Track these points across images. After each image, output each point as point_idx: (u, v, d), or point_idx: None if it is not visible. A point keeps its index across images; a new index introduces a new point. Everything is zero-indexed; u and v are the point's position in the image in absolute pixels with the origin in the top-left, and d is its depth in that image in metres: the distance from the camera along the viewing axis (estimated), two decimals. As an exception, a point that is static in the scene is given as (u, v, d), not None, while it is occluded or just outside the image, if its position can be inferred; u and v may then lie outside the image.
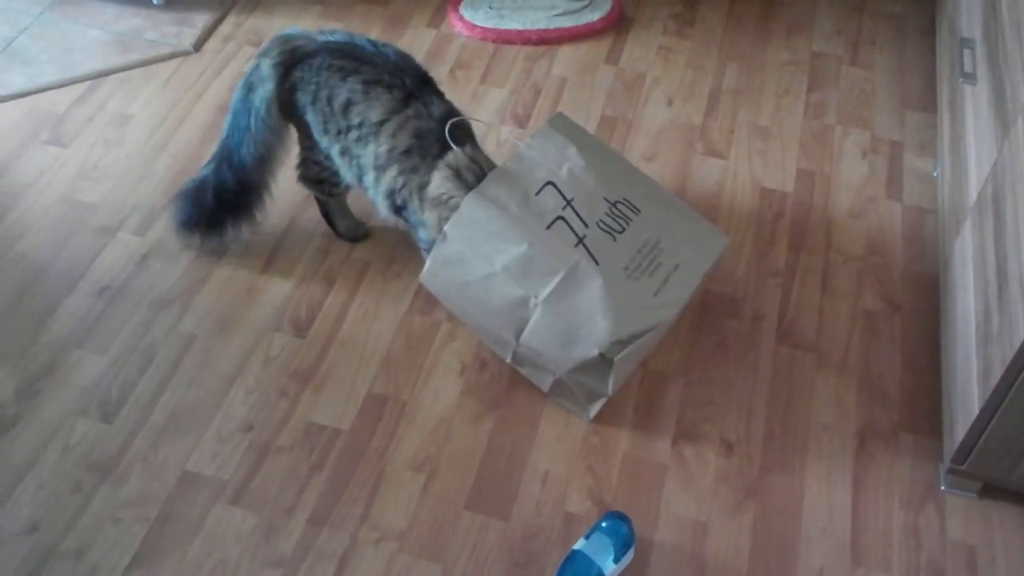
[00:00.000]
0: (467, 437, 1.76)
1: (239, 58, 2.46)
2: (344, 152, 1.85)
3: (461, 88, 2.40)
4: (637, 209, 1.80)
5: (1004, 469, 1.64)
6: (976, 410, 1.59)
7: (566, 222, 1.74)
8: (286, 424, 1.77)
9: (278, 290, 1.98)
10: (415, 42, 2.52)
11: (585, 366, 1.69)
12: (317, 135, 1.87)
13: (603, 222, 1.76)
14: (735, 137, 2.32)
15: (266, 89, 1.85)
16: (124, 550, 1.60)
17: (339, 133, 1.83)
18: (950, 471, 1.71)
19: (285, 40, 1.86)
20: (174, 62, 2.45)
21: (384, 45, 1.85)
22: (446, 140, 1.78)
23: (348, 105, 1.80)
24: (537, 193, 1.76)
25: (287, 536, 1.63)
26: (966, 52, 2.06)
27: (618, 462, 1.74)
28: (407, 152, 1.79)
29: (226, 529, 1.63)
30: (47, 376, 1.82)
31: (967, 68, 2.04)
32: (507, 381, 1.84)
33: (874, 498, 1.71)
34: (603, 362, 1.66)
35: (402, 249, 2.05)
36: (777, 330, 1.94)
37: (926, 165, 2.27)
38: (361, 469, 1.71)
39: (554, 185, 1.77)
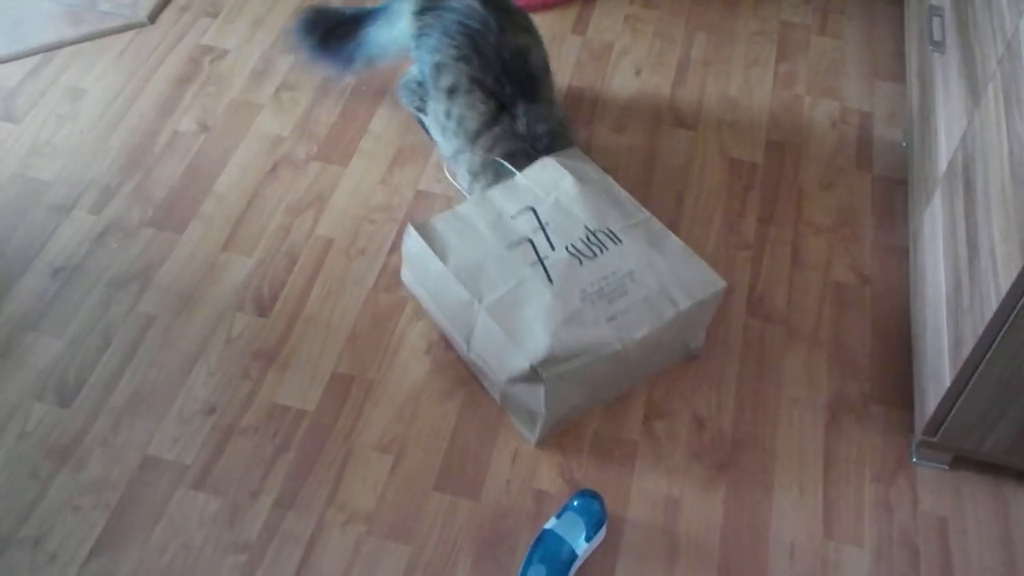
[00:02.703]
0: (435, 416, 1.73)
1: (195, 29, 2.39)
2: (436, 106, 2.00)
3: (425, 59, 2.35)
4: (619, 239, 1.75)
5: (975, 441, 1.64)
6: (947, 382, 1.58)
7: (532, 244, 1.73)
8: (249, 406, 1.73)
9: (239, 268, 1.93)
10: (378, 12, 2.46)
11: (520, 380, 1.61)
12: (421, 64, 2.00)
13: (573, 246, 1.72)
14: (704, 108, 2.29)
15: (403, 28, 2.04)
16: (84, 537, 1.56)
17: (433, 91, 1.97)
18: (921, 443, 1.70)
19: None
20: (129, 34, 2.38)
21: (508, 32, 1.93)
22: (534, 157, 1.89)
23: (452, 90, 1.92)
24: (513, 216, 1.77)
25: (252, 520, 1.59)
26: (935, 20, 2.04)
27: (589, 439, 1.72)
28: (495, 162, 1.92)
29: (189, 514, 1.60)
30: (1, 359, 1.77)
31: (936, 36, 2.03)
32: (475, 358, 1.81)
33: (845, 471, 1.70)
34: (535, 377, 1.58)
35: (366, 225, 2.00)
36: (747, 303, 1.93)
37: (895, 135, 2.26)
38: (327, 450, 1.68)
39: (534, 211, 1.77)
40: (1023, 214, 1.42)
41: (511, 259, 1.70)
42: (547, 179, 1.83)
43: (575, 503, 1.58)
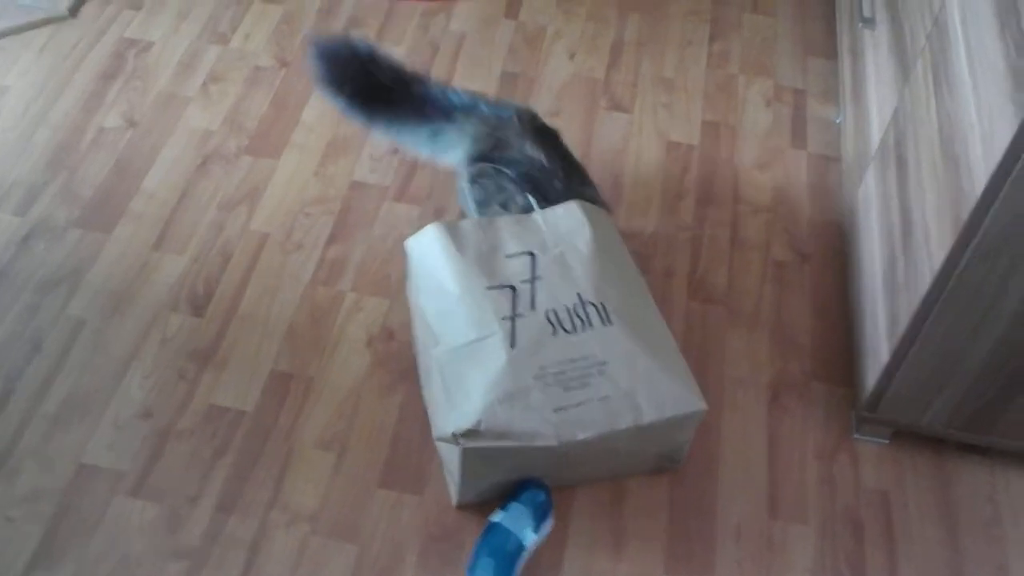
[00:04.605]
0: (377, 411, 1.71)
1: (119, 22, 2.32)
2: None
3: (357, 47, 2.31)
4: (608, 320, 1.54)
5: (915, 415, 1.65)
6: (885, 358, 1.60)
7: (514, 294, 1.56)
8: (186, 408, 1.69)
9: (172, 267, 1.88)
10: None
11: (445, 440, 1.51)
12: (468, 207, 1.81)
13: (555, 313, 1.55)
14: (639, 90, 2.28)
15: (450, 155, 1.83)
16: (19, 551, 1.52)
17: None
18: (862, 419, 1.72)
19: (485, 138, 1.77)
20: (49, 28, 2.31)
21: (574, 183, 1.75)
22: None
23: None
24: (509, 256, 1.61)
25: (193, 525, 1.56)
26: (865, -3, 2.05)
27: (533, 428, 1.71)
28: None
29: (128, 522, 1.56)
30: (-75, 370, 1.71)
31: (866, 13, 2.04)
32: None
33: (788, 450, 1.71)
34: (455, 443, 1.47)
35: (301, 219, 1.97)
36: (688, 285, 1.93)
37: (829, 112, 2.27)
38: (268, 451, 1.65)
39: (533, 257, 1.61)
40: (954, 190, 1.43)
41: (484, 305, 1.54)
42: (564, 227, 1.64)
43: (521, 494, 1.56)
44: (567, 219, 1.66)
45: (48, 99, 2.16)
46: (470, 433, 1.45)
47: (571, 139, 2.14)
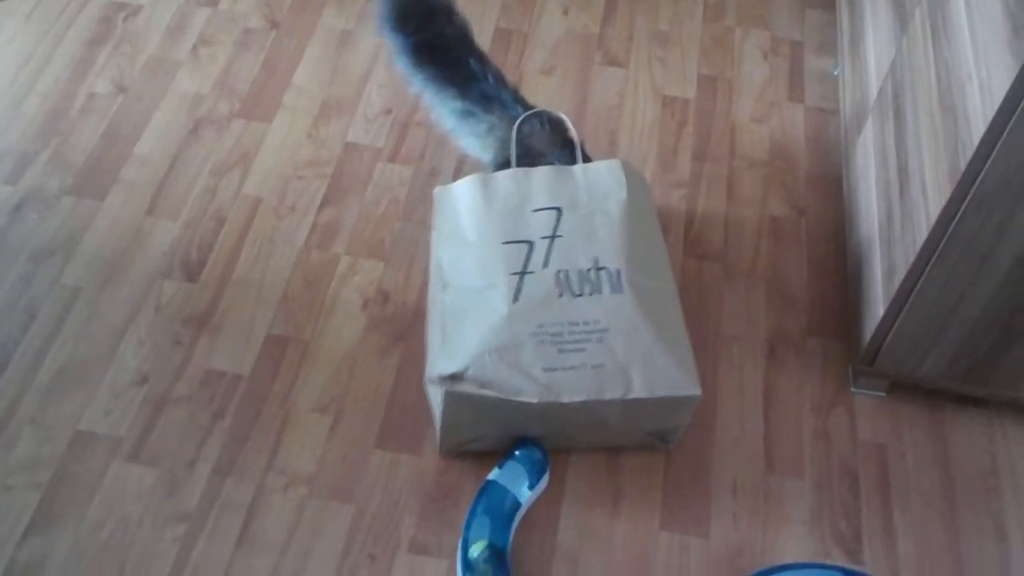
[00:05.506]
0: (373, 373, 1.71)
1: (107, -14, 2.30)
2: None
3: (346, 10, 2.29)
4: (619, 289, 1.50)
5: (910, 367, 1.65)
6: (882, 311, 1.59)
7: (530, 250, 1.54)
8: (183, 373, 1.69)
9: (165, 233, 1.88)
10: (296, -40, 2.39)
11: (433, 382, 1.52)
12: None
13: (565, 274, 1.52)
14: (634, 45, 2.25)
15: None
16: (18, 519, 1.53)
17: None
18: (858, 372, 1.71)
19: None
20: (36, -6, 2.29)
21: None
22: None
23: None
24: (536, 210, 1.58)
25: (191, 489, 1.56)
26: (861, -55, 2.02)
27: (529, 387, 1.71)
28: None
29: (125, 487, 1.56)
30: (-79, 341, 1.72)
31: (863, -38, 2.01)
32: (411, 312, 1.78)
33: (785, 405, 1.71)
34: (439, 386, 1.49)
35: (294, 182, 1.96)
36: (684, 242, 1.91)
37: (827, 64, 2.24)
38: (264, 415, 1.65)
39: (559, 213, 1.58)
40: (951, 140, 1.41)
41: (496, 258, 1.54)
42: (601, 186, 1.61)
43: (517, 452, 1.57)
44: (607, 177, 1.62)
45: (36, 67, 2.14)
46: (455, 377, 1.46)
47: (566, 96, 2.14)
